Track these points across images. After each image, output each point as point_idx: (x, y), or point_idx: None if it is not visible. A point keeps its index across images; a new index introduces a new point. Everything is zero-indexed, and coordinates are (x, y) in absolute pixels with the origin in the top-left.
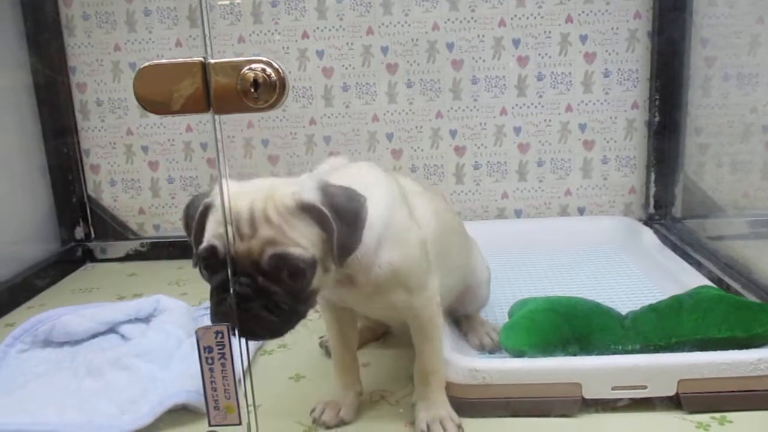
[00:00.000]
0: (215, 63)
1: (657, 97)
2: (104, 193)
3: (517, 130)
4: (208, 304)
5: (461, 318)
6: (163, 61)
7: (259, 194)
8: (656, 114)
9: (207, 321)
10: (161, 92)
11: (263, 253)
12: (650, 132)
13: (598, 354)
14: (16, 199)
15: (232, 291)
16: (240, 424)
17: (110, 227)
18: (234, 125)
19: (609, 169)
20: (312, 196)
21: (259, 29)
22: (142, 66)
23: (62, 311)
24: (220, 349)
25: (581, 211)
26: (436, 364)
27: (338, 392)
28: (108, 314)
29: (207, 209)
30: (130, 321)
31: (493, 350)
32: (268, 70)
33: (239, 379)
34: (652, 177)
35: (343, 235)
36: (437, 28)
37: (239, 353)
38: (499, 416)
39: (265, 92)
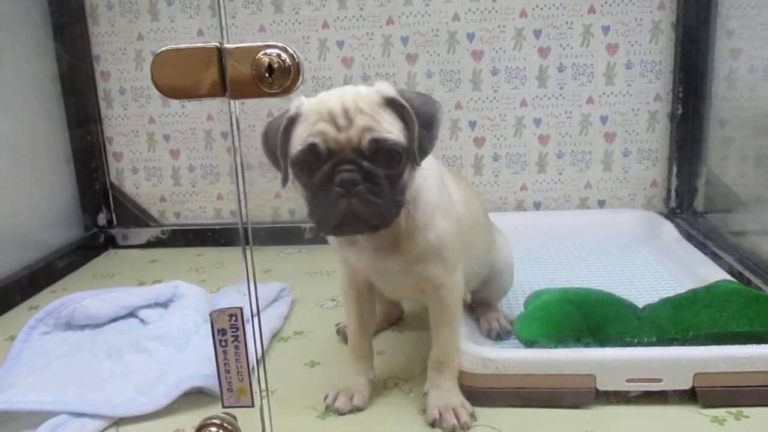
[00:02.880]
0: (231, 48)
1: (680, 89)
2: (126, 181)
3: (537, 122)
4: (226, 290)
5: (476, 304)
6: (180, 46)
7: (345, 94)
8: (679, 106)
9: (225, 305)
10: (178, 77)
11: (362, 138)
12: (673, 124)
13: (612, 346)
14: (41, 186)
15: (336, 181)
16: (252, 406)
17: (132, 214)
18: (255, 115)
19: (630, 161)
20: (393, 93)
21: (280, 19)
22: (160, 51)
23: (84, 295)
24: (233, 332)
25: (601, 204)
26: (451, 352)
27: (352, 379)
28: (128, 298)
29: (291, 122)
30: (149, 305)
31: (500, 335)
32: (283, 56)
33: (252, 367)
34: (674, 170)
35: (420, 136)
36: (458, 18)
37: (253, 338)
38: (512, 406)
39: (279, 77)
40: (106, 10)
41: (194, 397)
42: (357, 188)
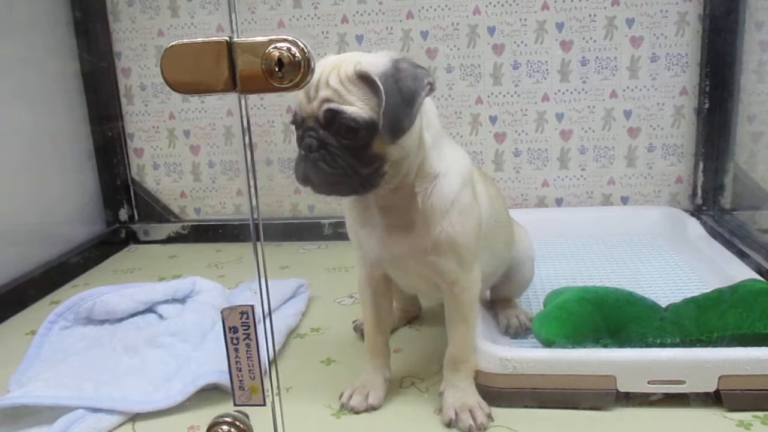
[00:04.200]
0: (240, 42)
1: (707, 82)
2: (147, 177)
3: (560, 117)
4: (244, 286)
5: (495, 300)
6: (190, 40)
7: (327, 66)
8: (706, 100)
9: (241, 302)
10: (188, 72)
11: (320, 109)
12: (699, 119)
13: (633, 346)
14: (64, 182)
15: (302, 144)
16: (264, 404)
17: (153, 210)
18: (273, 110)
19: (655, 157)
20: (374, 68)
21: (299, 14)
22: (169, 45)
23: (104, 290)
24: (245, 330)
25: (625, 201)
26: (467, 351)
27: (368, 377)
28: (147, 294)
29: None
30: (167, 301)
31: (519, 333)
32: (293, 49)
33: (265, 366)
34: (701, 166)
35: (396, 109)
36: (478, 12)
37: (264, 336)
38: (529, 407)
39: (289, 71)
40: (127, 7)
41: (210, 393)
42: (312, 154)
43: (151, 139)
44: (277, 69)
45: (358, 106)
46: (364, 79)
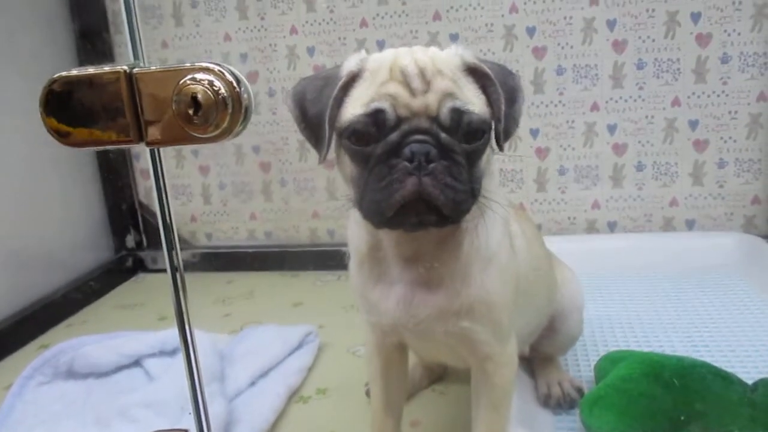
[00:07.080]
0: (143, 73)
1: None
2: (155, 200)
3: (612, 129)
4: (247, 331)
5: (535, 358)
6: (78, 71)
7: (419, 52)
8: None
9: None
10: (77, 117)
11: (442, 106)
12: None
13: None
14: (67, 206)
15: (404, 152)
16: None
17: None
18: (288, 126)
19: (726, 174)
20: (475, 60)
21: (313, 18)
22: (51, 79)
23: (85, 341)
24: None
25: (690, 226)
26: None
27: None
28: (131, 346)
29: (352, 79)
30: (154, 354)
31: (560, 404)
32: (217, 84)
33: None
34: None
35: (507, 109)
36: (515, 10)
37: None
38: None
39: (211, 114)
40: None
41: None
42: (432, 165)
43: None
44: (192, 112)
45: (479, 106)
46: (474, 72)
